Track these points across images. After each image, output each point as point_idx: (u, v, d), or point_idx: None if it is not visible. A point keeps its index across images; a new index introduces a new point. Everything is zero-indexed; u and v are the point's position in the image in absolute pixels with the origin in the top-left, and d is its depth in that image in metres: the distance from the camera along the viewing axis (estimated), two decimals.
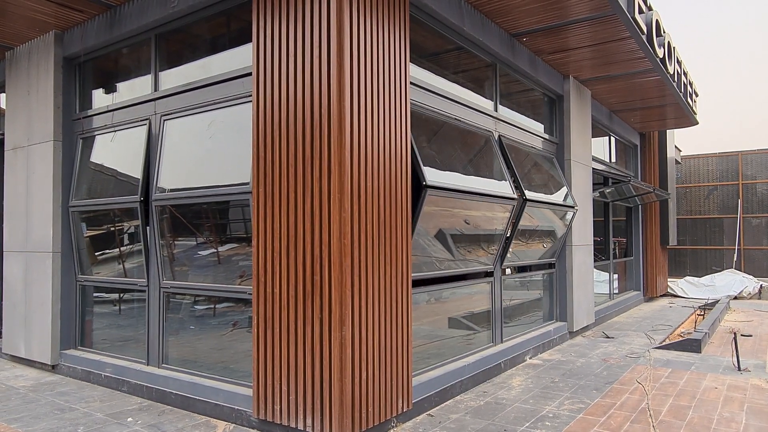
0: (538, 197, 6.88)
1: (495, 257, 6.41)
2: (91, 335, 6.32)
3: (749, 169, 16.09)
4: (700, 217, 16.72)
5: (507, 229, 6.45)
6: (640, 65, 7.89)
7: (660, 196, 12.24)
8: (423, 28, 5.43)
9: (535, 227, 7.22)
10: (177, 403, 5.05)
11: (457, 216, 5.59)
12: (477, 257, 6.14)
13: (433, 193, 4.92)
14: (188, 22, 5.37)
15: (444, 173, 5.33)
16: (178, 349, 5.44)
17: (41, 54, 6.39)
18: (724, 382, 5.84)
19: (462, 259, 5.90)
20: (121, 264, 6.16)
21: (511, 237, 6.56)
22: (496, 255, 6.42)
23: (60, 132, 6.30)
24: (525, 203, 6.50)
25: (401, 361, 4.52)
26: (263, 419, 4.33)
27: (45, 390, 5.62)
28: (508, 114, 7.09)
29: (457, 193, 5.32)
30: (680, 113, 11.02)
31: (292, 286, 4.17)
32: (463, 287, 6.36)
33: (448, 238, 5.55)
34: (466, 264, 5.98)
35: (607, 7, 5.94)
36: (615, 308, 10.73)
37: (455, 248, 5.72)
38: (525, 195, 6.47)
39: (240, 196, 4.81)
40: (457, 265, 5.79)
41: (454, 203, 5.41)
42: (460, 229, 5.70)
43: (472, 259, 6.07)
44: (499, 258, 6.51)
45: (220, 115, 5.07)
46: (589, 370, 6.40)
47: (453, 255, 5.69)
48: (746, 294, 13.58)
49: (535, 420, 4.68)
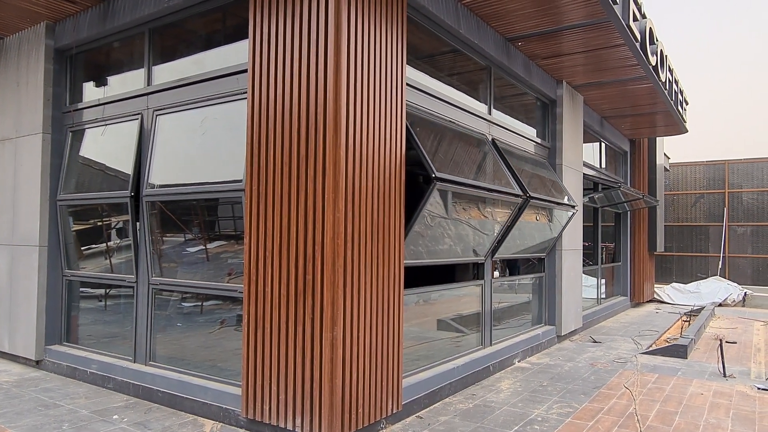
0: (541, 196, 6.87)
1: (487, 251, 6.42)
2: (77, 331, 6.24)
3: (735, 178, 16.28)
4: (687, 225, 16.90)
5: (504, 226, 6.46)
6: (632, 72, 7.95)
7: (649, 203, 12.35)
8: (419, 30, 5.43)
9: (532, 224, 7.22)
10: (164, 401, 5.00)
11: (456, 210, 5.57)
12: (470, 249, 6.13)
13: (441, 186, 4.86)
14: (183, 16, 5.32)
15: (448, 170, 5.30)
16: (165, 347, 5.38)
17: (32, 45, 6.30)
18: (710, 388, 5.90)
19: (455, 250, 5.89)
20: (109, 259, 6.09)
21: (506, 233, 6.56)
22: (488, 249, 6.43)
23: (49, 125, 6.21)
24: (528, 201, 6.46)
25: (391, 363, 4.51)
26: (252, 419, 4.29)
27: (29, 386, 5.54)
28: (501, 118, 7.11)
29: (465, 186, 5.28)
30: (671, 121, 11.12)
31: (284, 285, 4.15)
32: (453, 290, 6.37)
33: (444, 230, 5.53)
34: (458, 255, 5.98)
35: (602, 13, 5.98)
36: (602, 313, 10.80)
37: (450, 240, 5.70)
38: (529, 193, 6.46)
39: (232, 194, 4.77)
40: (449, 254, 5.79)
41: (457, 197, 5.39)
42: (457, 222, 5.69)
43: (464, 250, 6.06)
44: (490, 252, 6.51)
45: (213, 111, 5.03)
46: (577, 375, 6.43)
47: (447, 246, 5.68)
48: (731, 301, 13.75)
49: (523, 423, 4.69)
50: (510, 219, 6.47)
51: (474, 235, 6.13)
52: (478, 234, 6.19)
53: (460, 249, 5.96)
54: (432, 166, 4.78)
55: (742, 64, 33.49)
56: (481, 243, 6.26)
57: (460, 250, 5.98)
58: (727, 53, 34.47)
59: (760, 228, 15.79)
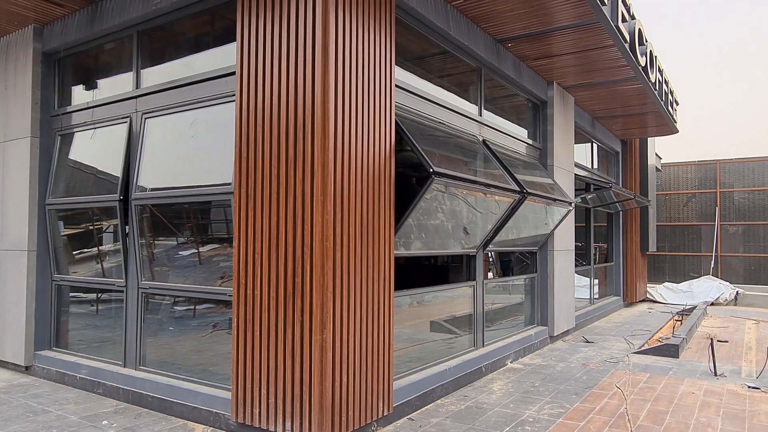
0: (538, 192, 6.86)
1: (479, 244, 6.42)
2: (66, 336, 6.19)
3: (727, 178, 16.38)
4: (679, 224, 16.97)
5: (498, 221, 6.45)
6: (622, 73, 7.99)
7: (641, 203, 12.40)
8: (409, 32, 5.43)
9: (525, 220, 7.23)
10: (154, 405, 4.97)
11: (450, 205, 5.56)
12: (461, 242, 6.13)
13: (439, 181, 4.82)
14: (171, 19, 5.30)
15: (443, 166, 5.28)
16: (156, 351, 5.35)
17: (20, 48, 6.26)
18: (701, 387, 5.91)
19: (447, 243, 5.89)
20: (98, 264, 6.05)
21: (500, 228, 6.54)
22: (480, 243, 6.43)
23: (38, 128, 6.17)
24: (525, 197, 6.43)
25: (382, 365, 4.50)
26: (242, 422, 4.27)
27: (17, 392, 5.49)
28: (492, 119, 7.12)
29: (463, 182, 5.24)
30: (661, 121, 11.18)
31: (273, 288, 4.13)
32: (445, 291, 6.36)
33: (437, 223, 5.51)
34: (449, 247, 5.98)
35: (591, 15, 6.00)
36: (595, 313, 10.83)
37: (442, 232, 5.69)
38: (526, 189, 6.44)
39: (222, 197, 4.75)
40: (441, 246, 5.78)
41: (452, 193, 5.37)
42: (450, 217, 5.68)
43: (456, 242, 6.06)
44: (482, 246, 6.51)
45: (202, 114, 5.01)
46: (569, 375, 6.44)
47: (439, 238, 5.67)
48: (723, 300, 13.81)
49: (515, 424, 4.69)
50: (505, 214, 6.45)
51: (467, 229, 6.12)
52: (470, 228, 6.19)
53: (451, 241, 5.96)
54: (429, 162, 4.75)
55: (733, 64, 33.72)
56: (473, 236, 6.25)
57: (452, 242, 5.97)
58: (720, 54, 34.70)
59: (752, 227, 15.89)
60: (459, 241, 6.11)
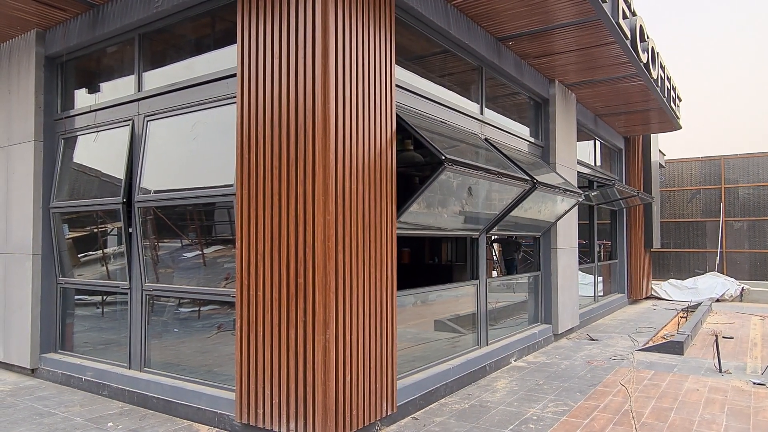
0: (548, 182, 6.82)
1: (482, 229, 6.42)
2: (71, 338, 6.23)
3: (731, 173, 16.30)
4: (684, 221, 16.91)
5: (504, 209, 6.42)
6: (624, 70, 7.97)
7: (644, 200, 12.36)
8: (409, 31, 5.43)
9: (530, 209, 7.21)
10: (159, 407, 4.99)
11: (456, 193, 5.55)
12: (464, 225, 6.14)
13: (451, 168, 4.75)
14: (172, 22, 5.32)
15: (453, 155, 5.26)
16: (160, 353, 5.37)
17: (22, 53, 6.30)
18: (705, 384, 5.90)
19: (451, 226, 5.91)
20: (103, 266, 6.08)
21: (504, 215, 6.51)
22: (484, 228, 6.42)
23: (41, 132, 6.20)
24: (535, 187, 6.39)
25: (386, 364, 4.51)
26: (246, 423, 4.29)
27: (24, 394, 5.52)
28: (494, 117, 7.11)
29: (474, 169, 5.19)
30: (664, 118, 11.14)
31: (276, 288, 4.14)
32: (449, 290, 6.36)
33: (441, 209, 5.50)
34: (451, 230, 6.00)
35: (592, 12, 5.99)
36: (599, 310, 10.80)
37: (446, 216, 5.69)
38: (535, 179, 6.40)
39: (224, 198, 4.77)
40: (443, 229, 5.80)
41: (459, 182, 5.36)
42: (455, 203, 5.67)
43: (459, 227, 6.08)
44: (484, 230, 6.49)
45: (204, 116, 5.03)
46: (574, 373, 6.43)
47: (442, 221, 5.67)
48: (728, 296, 13.76)
49: (519, 423, 4.69)
50: (512, 203, 6.40)
51: (470, 215, 6.11)
52: (475, 214, 6.18)
53: (455, 225, 5.96)
54: (440, 150, 4.70)
55: (736, 59, 33.57)
56: (476, 221, 6.25)
57: (456, 226, 5.98)
58: (722, 49, 34.55)
59: (757, 223, 15.81)
60: (462, 225, 6.09)
